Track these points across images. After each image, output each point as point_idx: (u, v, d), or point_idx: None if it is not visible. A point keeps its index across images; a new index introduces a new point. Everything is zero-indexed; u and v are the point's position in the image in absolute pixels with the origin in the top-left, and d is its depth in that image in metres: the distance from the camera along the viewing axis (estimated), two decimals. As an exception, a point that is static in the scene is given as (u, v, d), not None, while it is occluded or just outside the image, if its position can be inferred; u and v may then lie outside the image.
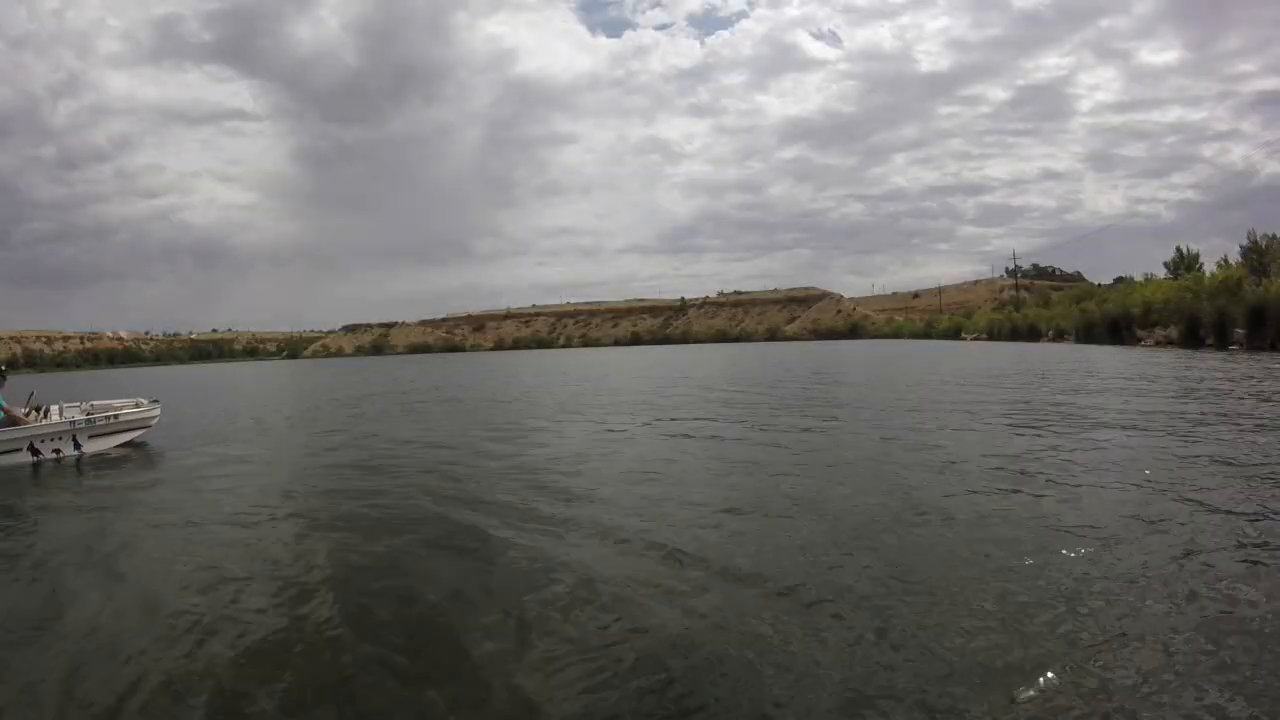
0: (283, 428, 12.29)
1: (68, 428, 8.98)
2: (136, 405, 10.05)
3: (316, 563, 4.17)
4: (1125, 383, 13.09)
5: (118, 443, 9.45)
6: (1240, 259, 31.06)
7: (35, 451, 8.66)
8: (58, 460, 8.72)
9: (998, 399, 11.33)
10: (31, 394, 9.58)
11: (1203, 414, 8.39)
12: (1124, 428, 7.70)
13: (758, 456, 7.02)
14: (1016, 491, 5.07)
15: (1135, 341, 29.83)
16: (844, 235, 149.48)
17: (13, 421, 8.68)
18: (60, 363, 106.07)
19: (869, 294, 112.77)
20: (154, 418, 10.15)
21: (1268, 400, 9.55)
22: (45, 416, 9.15)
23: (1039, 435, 7.50)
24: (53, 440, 8.82)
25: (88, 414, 9.31)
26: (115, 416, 9.54)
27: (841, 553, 3.91)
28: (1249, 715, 2.26)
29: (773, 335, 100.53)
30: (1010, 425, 8.32)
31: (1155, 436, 7.07)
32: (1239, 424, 7.56)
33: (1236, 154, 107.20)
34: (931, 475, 5.77)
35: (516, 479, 6.35)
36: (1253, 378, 12.86)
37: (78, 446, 8.96)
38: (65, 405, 9.63)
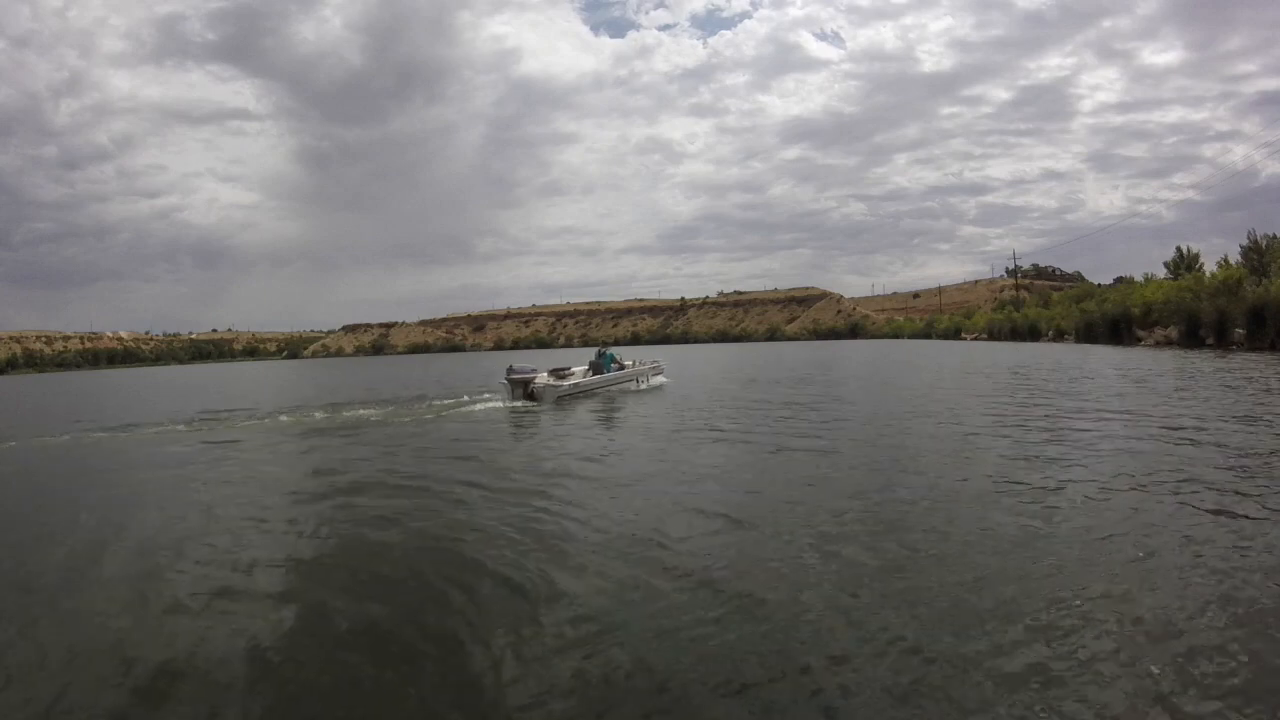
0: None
1: (647, 371, 17.00)
2: (654, 362, 18.15)
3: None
4: (1124, 379, 13.19)
5: (660, 382, 17.37)
6: (1240, 259, 31.12)
7: (636, 383, 16.40)
8: (642, 387, 16.27)
9: (1001, 396, 11.43)
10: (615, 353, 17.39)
11: (1196, 407, 8.48)
12: (1123, 413, 7.80)
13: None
14: (1024, 485, 5.17)
15: (1135, 341, 29.89)
16: (845, 235, 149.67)
17: (621, 369, 16.41)
18: (60, 363, 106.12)
19: (869, 294, 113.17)
20: (664, 368, 18.46)
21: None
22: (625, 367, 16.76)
23: (1040, 429, 7.58)
24: (641, 379, 16.67)
25: (649, 365, 17.43)
26: (659, 366, 17.91)
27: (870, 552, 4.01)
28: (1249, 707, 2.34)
29: (773, 335, 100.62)
30: (1012, 421, 8.40)
31: (1153, 429, 7.15)
32: (1234, 417, 7.65)
33: (1237, 154, 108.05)
34: (948, 465, 5.86)
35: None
36: (1251, 376, 12.92)
37: (648, 381, 16.82)
38: (637, 360, 17.55)
